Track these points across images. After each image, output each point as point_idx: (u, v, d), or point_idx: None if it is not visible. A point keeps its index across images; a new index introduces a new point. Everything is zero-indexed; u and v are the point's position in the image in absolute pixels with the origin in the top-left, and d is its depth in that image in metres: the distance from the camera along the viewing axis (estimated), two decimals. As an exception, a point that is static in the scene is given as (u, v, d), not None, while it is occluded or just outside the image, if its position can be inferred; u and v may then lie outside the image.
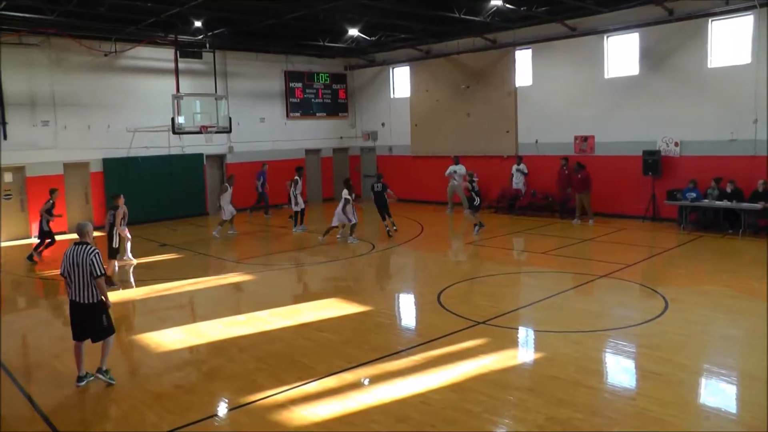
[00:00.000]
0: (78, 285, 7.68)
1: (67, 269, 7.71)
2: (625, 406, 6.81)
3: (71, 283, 7.72)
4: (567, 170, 20.06)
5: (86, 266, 7.63)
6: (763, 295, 10.96)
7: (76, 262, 7.64)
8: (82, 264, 7.63)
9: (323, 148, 27.99)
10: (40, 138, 20.41)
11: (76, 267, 7.64)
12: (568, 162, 20.14)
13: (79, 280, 7.67)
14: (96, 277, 7.69)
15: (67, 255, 7.75)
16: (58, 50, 20.55)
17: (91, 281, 7.67)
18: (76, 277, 7.66)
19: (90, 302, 7.73)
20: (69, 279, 7.72)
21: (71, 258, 7.68)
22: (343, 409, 6.92)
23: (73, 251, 7.72)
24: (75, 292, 7.72)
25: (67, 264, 7.71)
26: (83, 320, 7.81)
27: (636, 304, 11.27)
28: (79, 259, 7.64)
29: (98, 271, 7.70)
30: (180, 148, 23.31)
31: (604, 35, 19.86)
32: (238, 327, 10.20)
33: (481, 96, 23.38)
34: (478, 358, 8.25)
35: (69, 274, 7.70)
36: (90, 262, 7.65)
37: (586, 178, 19.22)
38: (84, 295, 7.71)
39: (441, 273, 14.07)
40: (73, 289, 7.72)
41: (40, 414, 7.25)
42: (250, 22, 20.12)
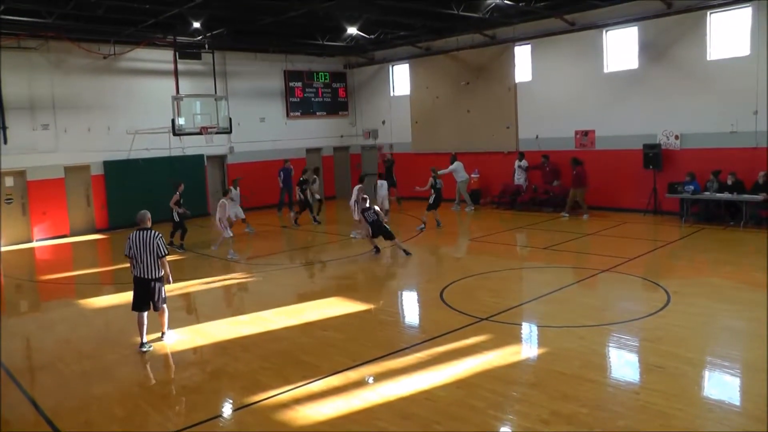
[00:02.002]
0: (145, 263, 9.06)
1: (134, 251, 9.05)
2: (629, 400, 6.83)
3: (138, 262, 9.08)
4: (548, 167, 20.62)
5: (153, 248, 9.03)
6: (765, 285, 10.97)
7: (143, 245, 9.02)
8: (149, 246, 9.01)
9: (324, 147, 28.01)
10: (41, 142, 20.45)
11: (142, 249, 9.02)
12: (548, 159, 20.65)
13: (145, 260, 9.04)
14: (161, 257, 9.14)
15: (132, 239, 9.07)
16: (57, 53, 20.58)
17: (156, 260, 9.07)
18: (142, 257, 9.04)
19: (154, 277, 9.15)
20: (135, 259, 9.08)
21: (137, 241, 9.03)
22: (348, 408, 6.94)
23: (137, 236, 9.06)
24: (141, 269, 9.10)
25: (133, 246, 9.05)
26: (147, 293, 9.19)
27: (639, 297, 11.29)
28: (146, 241, 9.02)
29: (163, 251, 9.15)
30: (180, 150, 23.34)
31: (603, 29, 19.85)
32: (242, 327, 10.23)
33: (481, 92, 23.38)
34: (482, 354, 8.26)
35: (135, 255, 9.05)
36: (156, 245, 9.07)
37: (582, 174, 19.24)
38: (149, 272, 9.10)
39: (444, 269, 14.10)
40: (140, 267, 9.09)
41: (43, 416, 7.29)
42: (248, 21, 20.13)
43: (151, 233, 9.12)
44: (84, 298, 12.95)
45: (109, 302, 12.55)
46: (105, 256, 18.91)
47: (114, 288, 13.98)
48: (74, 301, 12.94)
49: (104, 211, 21.90)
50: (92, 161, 21.57)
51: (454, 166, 21.83)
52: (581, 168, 19.28)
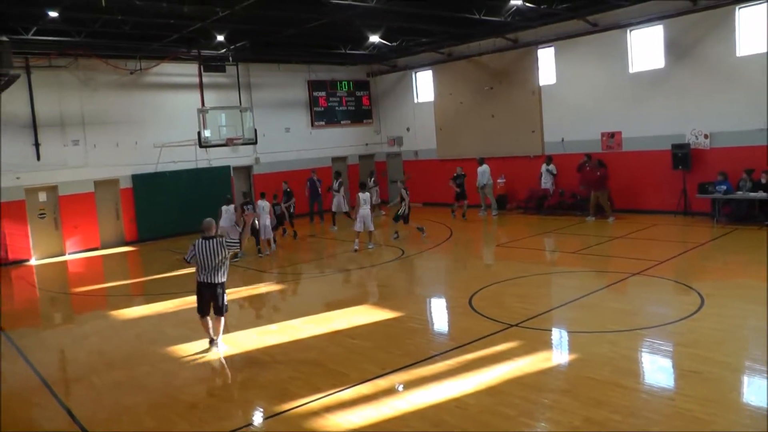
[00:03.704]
0: (208, 269, 9.31)
1: (198, 258, 9.30)
2: (663, 407, 6.71)
3: (203, 269, 9.33)
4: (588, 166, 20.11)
5: (217, 253, 9.26)
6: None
7: (209, 252, 9.27)
8: (214, 252, 9.26)
9: (349, 155, 28.05)
10: (71, 157, 20.80)
11: (208, 256, 9.27)
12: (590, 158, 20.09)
13: (209, 265, 9.29)
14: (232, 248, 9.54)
15: (197, 247, 9.33)
16: (85, 71, 20.94)
17: (219, 265, 9.33)
18: (207, 263, 9.28)
19: (217, 282, 9.41)
20: (200, 265, 9.33)
21: (202, 249, 9.29)
22: (378, 416, 6.91)
23: (202, 244, 9.32)
24: (206, 276, 9.34)
25: (198, 254, 9.30)
26: (210, 297, 9.48)
27: (671, 301, 11.11)
28: (211, 249, 9.27)
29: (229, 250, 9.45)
30: (207, 161, 23.56)
31: (627, 29, 19.64)
32: (271, 336, 10.26)
33: (504, 96, 23.28)
34: (512, 360, 8.18)
35: (201, 261, 9.30)
36: (221, 250, 9.30)
37: (604, 176, 19.03)
38: (214, 277, 9.35)
39: (472, 276, 14.01)
40: (205, 273, 9.34)
41: (78, 425, 7.39)
42: (271, 33, 20.30)
43: (215, 241, 9.31)
44: (115, 309, 13.11)
45: (139, 313, 12.69)
46: (135, 268, 19.13)
47: (144, 299, 14.12)
48: (106, 313, 13.08)
49: (133, 223, 22.16)
50: (121, 175, 21.86)
51: (483, 168, 21.83)
52: (604, 170, 19.05)
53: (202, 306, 9.60)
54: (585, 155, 20.30)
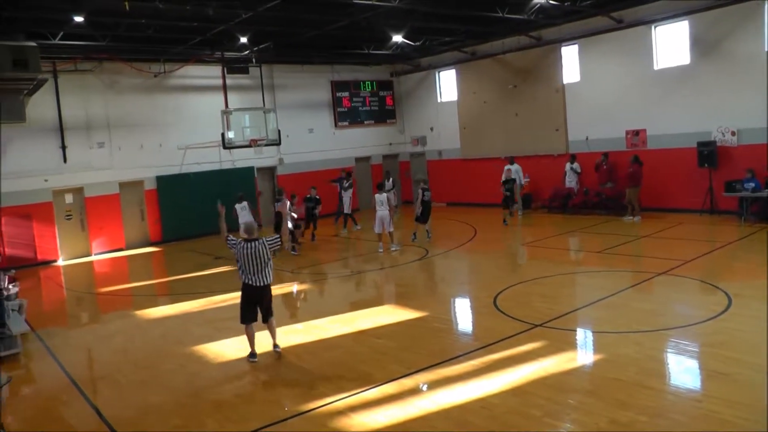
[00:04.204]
0: (254, 271, 9.00)
1: (242, 262, 9.01)
2: (690, 408, 6.64)
3: (247, 272, 9.02)
4: (605, 165, 20.10)
5: (262, 254, 8.98)
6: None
7: (253, 255, 8.96)
8: (258, 254, 8.97)
9: (373, 155, 28.08)
10: (97, 159, 21.07)
11: (253, 259, 8.96)
12: (607, 158, 20.14)
13: (255, 267, 8.99)
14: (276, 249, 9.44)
15: (241, 250, 9.00)
16: (110, 74, 21.22)
17: (265, 267, 9.05)
18: (252, 265, 8.98)
19: (264, 284, 9.12)
20: (246, 268, 9.02)
21: (246, 252, 8.97)
22: (403, 416, 6.93)
23: (246, 247, 8.99)
24: (251, 277, 9.04)
25: (241, 258, 9.00)
26: (257, 301, 9.19)
27: (697, 301, 11.00)
28: (255, 251, 8.96)
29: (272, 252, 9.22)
30: (231, 162, 23.74)
31: (651, 25, 19.45)
32: (296, 335, 10.31)
33: (528, 95, 23.17)
34: (536, 361, 8.16)
35: (245, 265, 9.00)
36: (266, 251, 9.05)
37: (638, 172, 18.89)
38: (260, 280, 9.06)
39: (496, 276, 13.97)
40: (249, 275, 9.03)
41: (105, 423, 7.51)
42: (294, 34, 20.38)
43: (258, 243, 9.05)
44: (140, 309, 13.28)
45: (164, 313, 12.83)
46: (159, 269, 19.33)
47: (169, 299, 14.26)
48: (131, 312, 13.24)
49: (158, 224, 22.38)
50: (145, 177, 22.11)
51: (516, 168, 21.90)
52: (637, 166, 18.92)
53: (247, 312, 9.24)
54: (602, 154, 20.24)
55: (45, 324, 12.61)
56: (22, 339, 10.81)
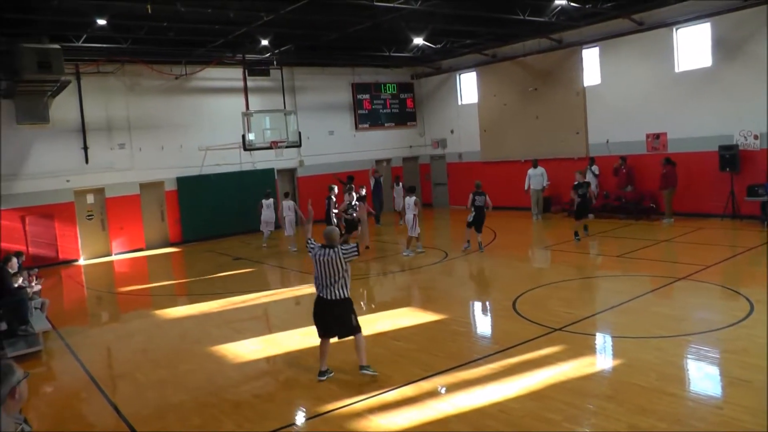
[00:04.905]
0: (325, 283, 8.11)
1: (317, 268, 8.17)
2: (711, 415, 6.57)
3: (318, 282, 8.18)
4: (624, 169, 19.99)
5: (337, 264, 8.03)
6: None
7: (328, 263, 8.03)
8: (332, 263, 8.03)
9: (393, 157, 28.11)
10: (118, 160, 21.28)
11: (326, 267, 8.04)
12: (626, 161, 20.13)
13: (326, 279, 8.08)
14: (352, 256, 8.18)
15: (317, 257, 8.14)
16: (131, 76, 21.43)
17: (339, 278, 8.08)
18: (323, 275, 8.09)
19: (334, 299, 8.11)
20: (317, 278, 8.18)
21: (321, 260, 8.08)
22: (421, 418, 6.92)
23: (320, 253, 8.12)
24: (324, 289, 8.14)
25: (317, 266, 8.15)
26: (331, 316, 8.18)
27: (718, 306, 10.87)
28: (329, 259, 8.02)
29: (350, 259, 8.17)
30: (251, 164, 23.86)
31: (673, 27, 19.31)
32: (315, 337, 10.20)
33: (549, 97, 23.08)
34: (555, 365, 8.11)
35: (319, 273, 8.13)
36: (341, 260, 8.07)
37: (670, 174, 18.78)
38: (333, 292, 8.10)
39: (515, 279, 13.91)
40: (322, 287, 8.15)
41: (124, 421, 7.58)
42: (315, 36, 20.45)
43: (332, 251, 8.09)
44: (159, 309, 13.39)
45: (183, 313, 12.92)
46: (179, 269, 19.46)
47: (188, 299, 14.35)
48: (150, 312, 13.35)
49: (177, 225, 22.55)
50: (166, 178, 22.30)
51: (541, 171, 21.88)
52: (671, 168, 18.78)
53: (318, 327, 8.40)
54: (620, 158, 20.13)
55: (66, 322, 12.73)
56: (43, 337, 10.94)
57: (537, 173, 21.85)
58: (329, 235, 8.32)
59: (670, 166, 18.80)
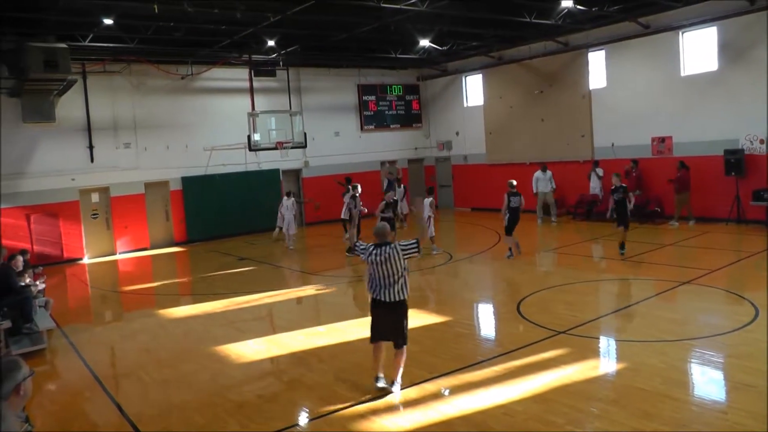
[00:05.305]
0: (384, 283, 7.58)
1: (371, 269, 7.64)
2: (715, 420, 6.54)
3: (376, 283, 7.64)
4: (635, 173, 19.90)
5: (395, 262, 7.51)
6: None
7: (383, 261, 7.51)
8: (390, 261, 7.50)
9: (398, 159, 28.07)
10: (123, 159, 21.32)
11: (382, 266, 7.52)
12: (637, 165, 19.99)
13: (385, 279, 7.56)
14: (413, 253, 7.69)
15: (370, 257, 7.62)
16: (138, 76, 21.47)
17: (398, 278, 7.55)
18: (382, 276, 7.56)
19: (395, 300, 7.61)
20: (374, 279, 7.65)
21: (376, 258, 7.55)
22: (424, 420, 6.92)
23: (376, 252, 7.59)
24: (380, 291, 7.62)
25: (371, 266, 7.63)
26: (387, 320, 7.70)
27: (723, 311, 10.84)
28: (386, 257, 7.51)
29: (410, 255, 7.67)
30: (257, 164, 23.88)
31: (679, 31, 19.26)
32: (318, 338, 10.33)
33: (554, 100, 23.06)
34: (560, 368, 8.10)
35: (374, 273, 7.62)
36: (400, 258, 7.54)
37: (685, 177, 18.77)
38: (390, 294, 7.58)
39: (520, 282, 13.90)
40: (379, 288, 7.63)
41: (128, 420, 7.59)
42: (321, 37, 20.46)
43: (390, 248, 7.57)
44: (163, 308, 13.40)
45: (187, 313, 12.93)
46: (183, 269, 19.48)
47: (192, 299, 14.39)
48: (154, 311, 13.36)
49: (182, 225, 22.59)
50: (171, 177, 22.33)
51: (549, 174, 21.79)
52: (685, 171, 18.73)
53: (374, 331, 7.87)
54: (631, 161, 20.07)
55: (70, 321, 12.78)
56: (47, 335, 10.97)
57: (546, 177, 21.75)
58: (381, 232, 7.81)
59: (684, 170, 18.76)
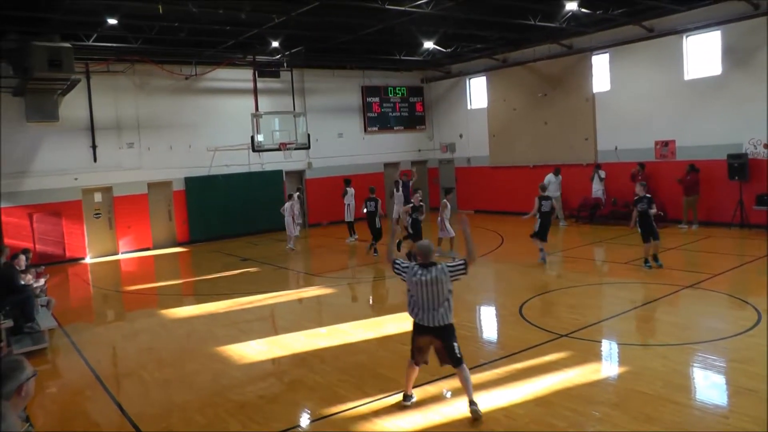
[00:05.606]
0: (428, 306, 6.93)
1: (413, 292, 6.99)
2: (717, 424, 6.53)
3: (419, 306, 6.98)
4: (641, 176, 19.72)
5: (441, 284, 6.90)
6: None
7: (428, 283, 6.88)
8: (436, 282, 6.88)
9: (401, 161, 28.04)
10: (126, 159, 21.34)
11: (427, 288, 6.88)
12: (644, 169, 19.85)
13: (430, 302, 6.92)
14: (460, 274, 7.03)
15: (413, 278, 6.95)
16: (141, 76, 21.50)
17: (443, 301, 6.94)
18: (426, 299, 6.91)
19: (440, 325, 6.98)
20: (417, 302, 6.98)
21: (421, 279, 6.90)
22: (425, 422, 6.91)
23: (421, 273, 6.92)
24: (424, 315, 6.98)
25: (413, 288, 6.99)
26: (435, 348, 7.16)
27: (725, 315, 10.81)
28: (431, 278, 6.87)
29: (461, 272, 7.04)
30: (260, 165, 23.89)
31: (683, 35, 19.26)
32: (320, 339, 10.33)
33: (558, 103, 23.06)
34: (561, 371, 8.09)
35: (417, 296, 6.95)
36: (446, 280, 6.95)
37: (695, 180, 18.72)
38: (435, 318, 6.95)
39: (522, 285, 13.88)
40: (422, 312, 6.98)
41: (129, 420, 7.60)
42: (326, 39, 20.49)
43: (437, 270, 6.92)
44: (165, 308, 13.41)
45: (189, 313, 12.93)
46: (186, 269, 19.50)
47: (194, 299, 14.39)
48: (156, 311, 13.39)
49: (185, 225, 22.60)
50: (174, 177, 22.35)
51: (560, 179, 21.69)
52: (695, 174, 18.70)
53: (418, 353, 7.30)
54: (638, 164, 20.01)
55: (72, 320, 12.78)
56: (49, 334, 10.97)
57: (558, 180, 21.65)
58: (427, 251, 7.16)
59: (694, 173, 18.73)
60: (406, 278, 7.03)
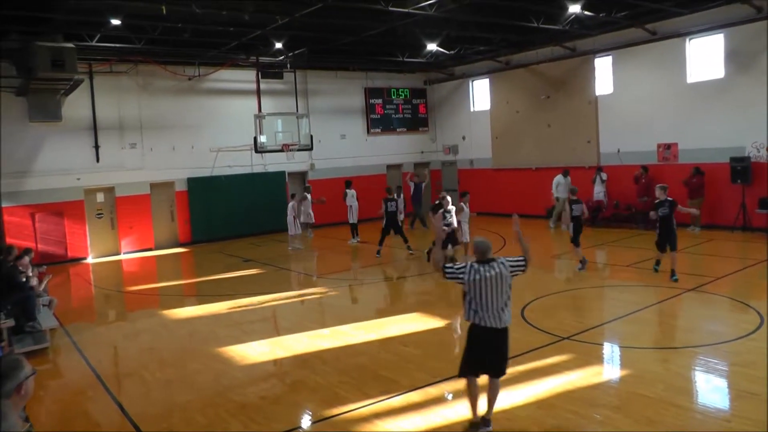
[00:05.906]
0: (494, 307, 6.49)
1: (473, 292, 6.50)
2: (719, 428, 6.52)
3: (483, 307, 6.49)
4: (644, 179, 19.68)
5: (503, 280, 6.51)
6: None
7: (491, 280, 6.46)
8: (498, 280, 6.48)
9: (404, 163, 28.06)
10: (129, 160, 21.35)
11: (490, 286, 6.45)
12: (647, 172, 19.83)
13: (495, 302, 6.48)
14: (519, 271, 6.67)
15: (473, 278, 6.47)
16: (144, 76, 21.51)
17: (509, 299, 6.57)
18: (490, 299, 6.47)
19: (504, 326, 6.59)
20: (480, 303, 6.49)
21: (483, 276, 6.46)
22: (427, 424, 6.91)
23: (482, 270, 6.49)
24: (487, 316, 6.50)
25: (473, 289, 6.49)
26: (491, 349, 6.67)
27: (728, 319, 10.79)
28: (493, 276, 6.47)
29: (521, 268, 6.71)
30: (262, 166, 23.88)
31: (686, 38, 19.25)
32: (322, 340, 10.33)
33: (561, 106, 23.05)
34: (563, 374, 8.08)
35: (478, 298, 6.48)
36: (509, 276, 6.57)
37: (700, 183, 18.70)
38: (498, 319, 6.50)
39: (524, 287, 13.75)
40: (486, 312, 6.49)
41: (129, 420, 7.60)
42: (329, 40, 20.51)
43: (498, 265, 6.55)
44: (167, 309, 13.42)
45: (191, 313, 12.94)
46: (188, 269, 19.51)
47: (196, 300, 14.39)
48: (158, 311, 13.40)
49: (187, 225, 22.60)
50: (176, 178, 22.35)
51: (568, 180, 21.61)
52: (700, 177, 18.68)
53: (475, 360, 6.71)
54: (641, 167, 19.99)
55: (73, 320, 12.78)
56: (50, 334, 11.00)
57: (566, 182, 21.58)
58: (485, 248, 6.73)
59: (699, 176, 18.71)
60: (465, 279, 6.47)
